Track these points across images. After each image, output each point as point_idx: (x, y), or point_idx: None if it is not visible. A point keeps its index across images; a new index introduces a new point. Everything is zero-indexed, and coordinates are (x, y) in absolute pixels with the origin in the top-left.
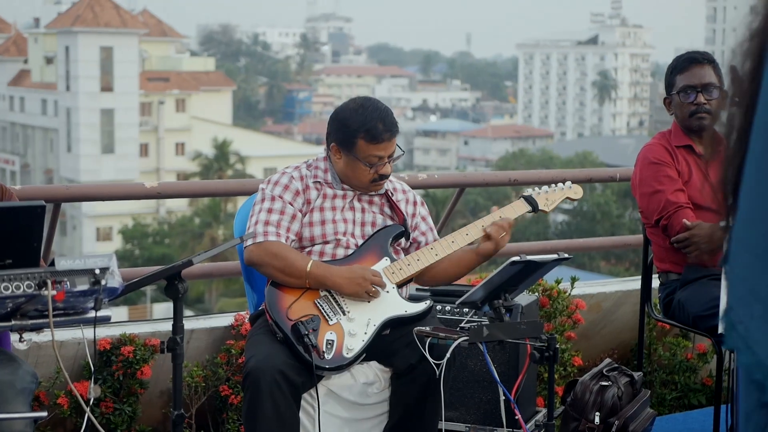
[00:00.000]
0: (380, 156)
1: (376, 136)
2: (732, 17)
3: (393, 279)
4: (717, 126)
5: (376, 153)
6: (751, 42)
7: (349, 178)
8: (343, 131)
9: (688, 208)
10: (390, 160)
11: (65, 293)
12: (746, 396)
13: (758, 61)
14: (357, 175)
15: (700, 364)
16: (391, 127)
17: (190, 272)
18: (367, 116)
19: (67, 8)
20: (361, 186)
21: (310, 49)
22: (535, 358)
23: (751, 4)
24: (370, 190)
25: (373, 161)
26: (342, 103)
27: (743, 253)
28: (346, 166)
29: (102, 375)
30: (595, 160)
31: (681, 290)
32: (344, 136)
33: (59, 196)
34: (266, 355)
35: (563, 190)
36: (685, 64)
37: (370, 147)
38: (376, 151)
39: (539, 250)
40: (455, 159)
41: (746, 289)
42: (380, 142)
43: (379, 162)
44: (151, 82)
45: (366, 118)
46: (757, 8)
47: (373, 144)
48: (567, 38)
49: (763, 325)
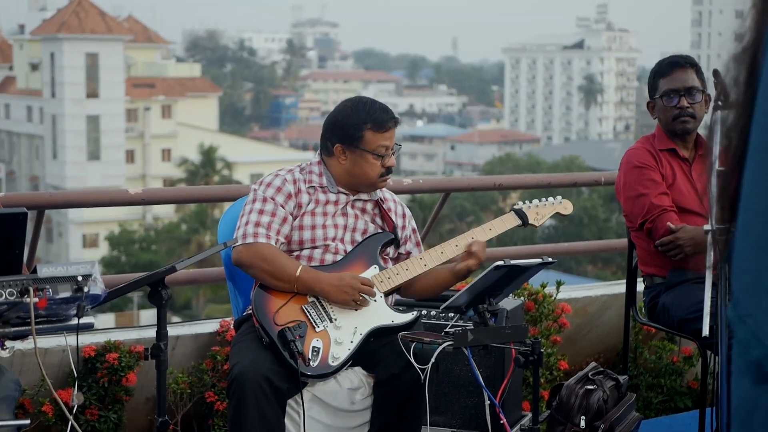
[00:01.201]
0: (387, 146)
1: (383, 124)
2: (718, 21)
3: (381, 288)
4: (701, 129)
5: (383, 143)
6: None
7: (356, 178)
8: (346, 129)
9: (672, 212)
10: (393, 152)
11: (47, 300)
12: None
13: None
14: (366, 171)
15: (686, 368)
16: (393, 115)
17: (175, 278)
18: (369, 108)
19: (52, 15)
20: (369, 183)
21: (296, 54)
22: (519, 363)
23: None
24: (377, 187)
25: (382, 151)
26: (332, 109)
27: (748, 246)
28: (354, 165)
29: (87, 382)
30: (582, 164)
31: (665, 294)
32: (349, 133)
33: (43, 203)
34: (251, 361)
35: (553, 204)
36: (667, 68)
37: (378, 136)
38: (383, 141)
39: (524, 255)
40: (442, 164)
41: (753, 280)
42: (387, 130)
43: (386, 152)
44: (137, 88)
45: (369, 110)
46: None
47: (381, 133)
48: (553, 43)
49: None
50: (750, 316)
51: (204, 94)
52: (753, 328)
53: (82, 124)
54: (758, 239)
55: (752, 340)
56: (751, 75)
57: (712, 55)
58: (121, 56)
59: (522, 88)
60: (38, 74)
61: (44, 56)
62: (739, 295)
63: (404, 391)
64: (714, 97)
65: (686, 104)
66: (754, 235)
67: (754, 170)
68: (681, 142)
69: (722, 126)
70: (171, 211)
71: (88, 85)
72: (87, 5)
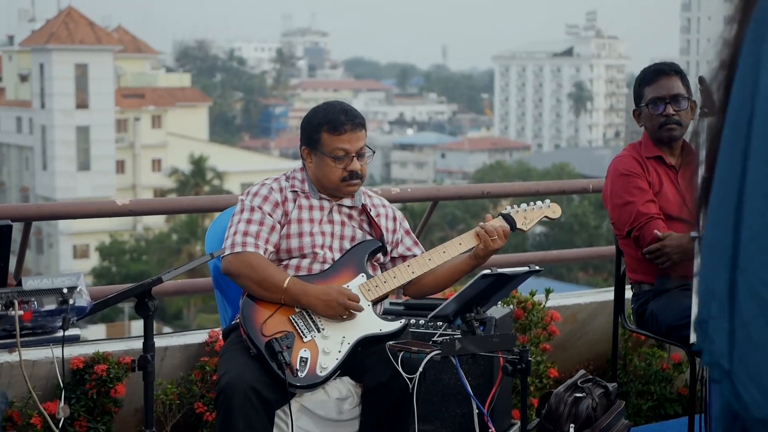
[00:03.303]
0: (345, 149)
1: (338, 126)
2: (706, 27)
3: (369, 296)
4: (686, 136)
5: (340, 145)
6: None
7: (321, 182)
8: (308, 130)
9: (659, 219)
10: (359, 157)
11: (33, 313)
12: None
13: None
14: (327, 174)
15: (676, 374)
16: (353, 117)
17: (163, 289)
18: (329, 110)
19: (41, 26)
20: (333, 188)
21: (286, 63)
22: (507, 371)
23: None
24: (344, 192)
25: (339, 154)
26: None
27: (705, 254)
28: (317, 168)
29: (75, 394)
30: (572, 171)
31: (653, 301)
32: (309, 135)
33: (30, 215)
34: (239, 372)
35: (542, 209)
36: (652, 75)
37: (334, 139)
38: (340, 143)
39: (513, 263)
40: (432, 172)
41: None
42: (342, 133)
43: (345, 156)
44: (127, 98)
45: (327, 112)
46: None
47: (336, 135)
48: (542, 50)
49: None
50: (705, 323)
51: (194, 104)
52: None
53: (72, 135)
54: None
55: (707, 347)
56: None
57: (701, 61)
58: (111, 66)
59: (512, 96)
60: (28, 85)
61: (33, 67)
62: (699, 302)
63: (392, 400)
64: (700, 104)
65: (672, 112)
66: (710, 241)
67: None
68: (668, 149)
69: (708, 133)
70: (161, 222)
71: (77, 95)
72: (76, 16)
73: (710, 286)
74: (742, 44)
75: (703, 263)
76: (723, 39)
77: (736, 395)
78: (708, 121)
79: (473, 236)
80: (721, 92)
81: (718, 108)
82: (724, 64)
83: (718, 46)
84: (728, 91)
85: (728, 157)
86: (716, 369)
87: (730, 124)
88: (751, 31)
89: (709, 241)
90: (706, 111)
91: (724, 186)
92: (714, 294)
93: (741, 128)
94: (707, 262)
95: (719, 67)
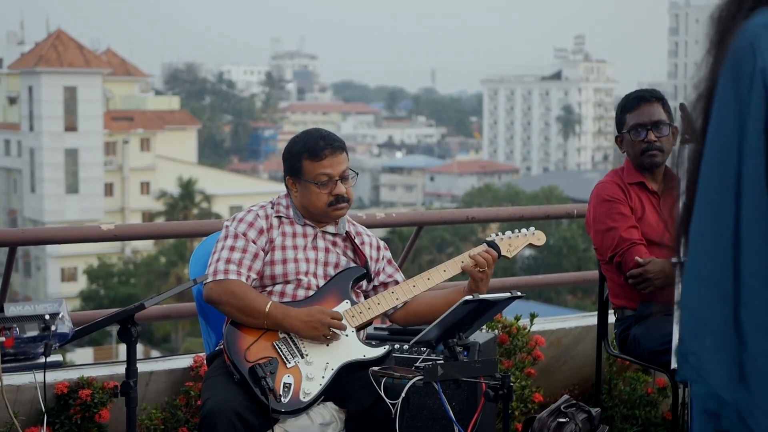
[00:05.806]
0: (328, 174)
1: (317, 152)
2: (694, 52)
3: (353, 322)
4: (668, 162)
5: (322, 171)
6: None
7: (308, 209)
8: (289, 160)
9: (641, 245)
10: (343, 180)
11: (14, 339)
12: (701, 426)
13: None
14: (313, 201)
15: (660, 399)
16: (332, 142)
17: (147, 314)
18: (308, 137)
19: (30, 48)
20: (321, 214)
21: (275, 86)
22: (489, 397)
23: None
24: (332, 217)
25: (322, 179)
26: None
27: (694, 285)
28: (303, 197)
29: (60, 419)
30: (561, 194)
31: (636, 326)
32: (291, 164)
33: (14, 240)
34: (223, 398)
35: (526, 236)
36: (634, 102)
37: (315, 165)
38: (322, 169)
39: (497, 287)
40: (421, 195)
41: (696, 320)
42: (323, 159)
43: (329, 181)
44: (116, 121)
45: (306, 140)
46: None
47: (317, 161)
48: (531, 73)
49: (714, 355)
50: (694, 355)
51: (183, 127)
52: (696, 366)
53: (61, 158)
54: (703, 279)
55: (695, 378)
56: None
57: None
58: (100, 89)
59: (500, 119)
60: (16, 108)
61: (22, 90)
62: (685, 334)
63: (375, 425)
64: (681, 131)
65: (653, 138)
66: (698, 273)
67: (700, 211)
68: (650, 175)
69: (689, 159)
70: (150, 245)
71: (66, 118)
72: (65, 39)
73: (701, 317)
74: (717, 77)
75: (691, 294)
76: (699, 72)
77: (744, 426)
78: (689, 148)
79: (458, 264)
80: (700, 120)
81: (699, 135)
82: (702, 97)
83: (695, 79)
84: (707, 119)
85: (711, 187)
86: (713, 400)
87: (713, 152)
88: (725, 69)
89: (698, 273)
90: (687, 137)
91: (708, 214)
92: (707, 326)
93: (727, 163)
94: (697, 293)
95: (696, 99)
